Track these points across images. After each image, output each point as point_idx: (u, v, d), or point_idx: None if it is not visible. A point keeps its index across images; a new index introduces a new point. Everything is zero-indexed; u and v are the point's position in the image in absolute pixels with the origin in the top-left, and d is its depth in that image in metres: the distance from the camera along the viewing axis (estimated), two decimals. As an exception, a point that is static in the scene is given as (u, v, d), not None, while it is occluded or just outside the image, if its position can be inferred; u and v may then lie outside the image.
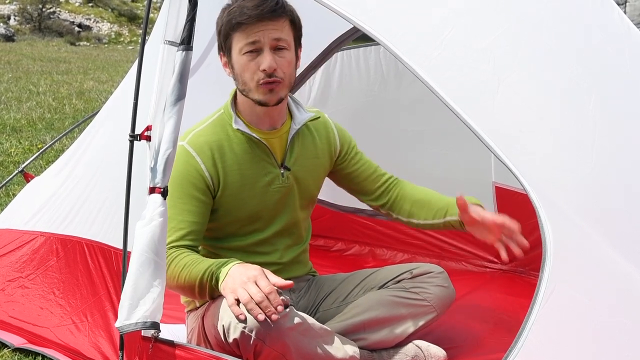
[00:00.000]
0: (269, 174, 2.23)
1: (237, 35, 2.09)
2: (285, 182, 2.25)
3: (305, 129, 2.32)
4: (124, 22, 25.23)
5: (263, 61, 2.08)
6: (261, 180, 2.22)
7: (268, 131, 2.23)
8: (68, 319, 2.38)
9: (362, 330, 2.26)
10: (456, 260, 3.45)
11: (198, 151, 2.15)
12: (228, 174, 2.17)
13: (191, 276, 2.01)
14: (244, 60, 2.10)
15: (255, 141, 2.20)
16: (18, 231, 2.72)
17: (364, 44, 3.54)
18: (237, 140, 2.19)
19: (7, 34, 20.32)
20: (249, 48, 2.08)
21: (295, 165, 2.27)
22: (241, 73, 2.12)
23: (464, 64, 1.94)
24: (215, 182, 2.16)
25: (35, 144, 6.27)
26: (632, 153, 2.02)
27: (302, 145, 2.30)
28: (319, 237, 3.62)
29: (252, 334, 1.88)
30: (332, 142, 2.39)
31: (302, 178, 2.29)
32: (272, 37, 2.08)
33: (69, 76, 12.26)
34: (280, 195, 2.25)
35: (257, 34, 2.07)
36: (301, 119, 2.28)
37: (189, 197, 2.12)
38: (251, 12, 2.06)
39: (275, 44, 2.09)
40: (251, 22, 2.06)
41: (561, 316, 1.69)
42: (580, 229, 1.80)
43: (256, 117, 2.21)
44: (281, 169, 2.25)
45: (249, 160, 2.20)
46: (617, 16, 2.22)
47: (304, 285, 2.42)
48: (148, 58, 2.00)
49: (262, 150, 2.22)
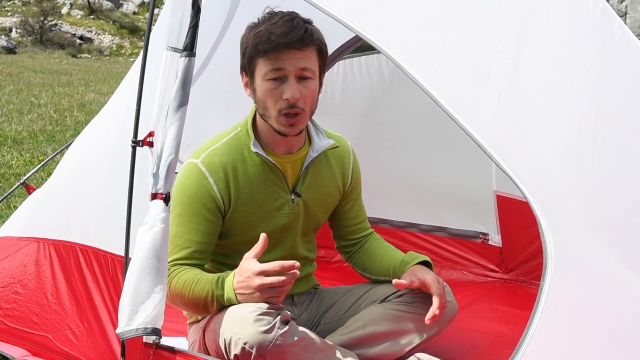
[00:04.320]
0: (279, 198, 2.21)
1: (262, 60, 2.04)
2: (294, 208, 2.23)
3: (322, 155, 2.29)
4: (125, 34, 25.33)
5: (286, 90, 2.04)
6: (271, 204, 2.20)
7: (283, 155, 2.21)
8: (64, 325, 2.37)
9: (364, 344, 2.25)
10: (457, 270, 3.45)
11: (211, 172, 2.13)
12: (240, 195, 2.16)
13: (194, 293, 2.02)
14: (267, 86, 2.06)
15: (270, 165, 2.18)
16: (13, 238, 2.71)
17: (367, 53, 3.55)
18: (252, 162, 2.17)
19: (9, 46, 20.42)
20: (274, 75, 2.04)
21: (307, 192, 2.25)
22: (263, 99, 2.08)
23: (465, 73, 1.95)
24: (226, 203, 2.15)
25: (37, 156, 6.28)
26: (633, 162, 2.02)
27: (316, 172, 2.27)
28: (320, 247, 3.57)
29: (252, 351, 1.87)
30: (347, 172, 2.37)
31: (311, 205, 2.28)
32: (298, 66, 2.04)
33: (70, 88, 12.31)
34: (289, 220, 2.24)
35: (284, 62, 2.03)
36: (320, 146, 2.25)
37: (199, 217, 2.11)
38: (279, 40, 2.00)
39: (300, 73, 2.05)
40: (277, 50, 2.02)
41: (562, 326, 1.68)
42: (581, 238, 1.79)
43: (273, 141, 2.18)
44: (292, 194, 2.23)
45: (261, 184, 2.18)
46: (617, 27, 2.23)
47: (306, 299, 2.42)
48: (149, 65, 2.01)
49: (275, 175, 2.19)
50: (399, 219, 3.61)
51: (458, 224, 3.49)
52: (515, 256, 3.33)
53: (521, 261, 3.31)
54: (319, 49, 2.09)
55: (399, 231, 3.60)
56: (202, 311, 2.07)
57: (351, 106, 3.60)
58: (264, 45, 2.02)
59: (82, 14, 25.95)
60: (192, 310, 2.14)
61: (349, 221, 2.44)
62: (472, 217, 3.46)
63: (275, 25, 2.03)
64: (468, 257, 3.44)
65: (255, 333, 1.87)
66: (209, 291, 2.00)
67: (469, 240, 3.46)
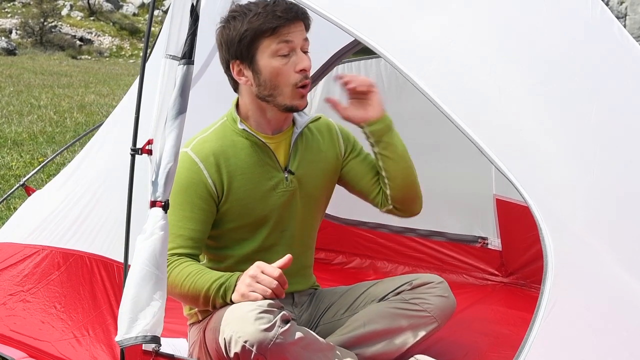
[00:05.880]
0: (273, 178, 2.22)
1: (268, 39, 2.09)
2: (289, 186, 2.24)
3: (307, 131, 2.31)
4: (126, 35, 25.31)
5: (300, 61, 2.11)
6: (265, 185, 2.21)
7: (273, 135, 2.24)
8: (69, 333, 2.38)
9: (363, 343, 2.25)
10: (457, 273, 3.45)
11: (202, 159, 2.15)
12: (233, 179, 2.17)
13: (196, 286, 2.02)
14: (277, 63, 2.11)
15: (260, 145, 2.20)
16: (19, 245, 2.72)
17: (365, 57, 3.55)
18: (242, 145, 2.20)
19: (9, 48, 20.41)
20: (284, 50, 2.10)
21: (299, 169, 2.26)
22: (273, 78, 2.12)
23: (464, 75, 1.95)
24: (219, 189, 2.16)
25: (37, 158, 6.28)
26: (633, 164, 2.02)
27: (306, 148, 2.30)
28: (320, 250, 3.59)
29: (253, 349, 1.88)
30: (336, 142, 2.37)
31: (306, 181, 2.28)
32: (302, 37, 2.13)
33: (70, 90, 12.30)
34: (285, 199, 2.24)
35: (292, 34, 2.10)
36: (302, 122, 2.28)
37: (191, 205, 2.13)
38: (287, 15, 2.08)
39: (304, 44, 2.13)
40: (286, 24, 2.08)
41: (563, 330, 1.68)
42: (581, 241, 1.79)
43: (265, 122, 2.21)
44: (285, 172, 2.24)
45: (253, 165, 2.20)
46: (616, 29, 2.23)
47: (306, 299, 2.42)
48: (150, 72, 2.01)
49: (266, 154, 2.22)
50: (397, 224, 3.59)
51: (457, 229, 3.49)
52: (516, 260, 3.33)
53: (521, 265, 3.30)
54: (308, 24, 2.17)
55: (397, 236, 3.60)
56: (200, 304, 2.08)
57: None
58: (272, 22, 2.08)
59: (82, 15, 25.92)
60: (188, 301, 2.14)
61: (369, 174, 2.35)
62: (471, 221, 3.45)
63: (271, 5, 2.10)
64: (468, 261, 3.44)
65: (256, 331, 1.88)
66: (215, 281, 2.01)
67: (468, 244, 3.45)
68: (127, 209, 1.96)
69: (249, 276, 1.97)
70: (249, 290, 1.95)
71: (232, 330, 1.90)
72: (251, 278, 1.96)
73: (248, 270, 1.99)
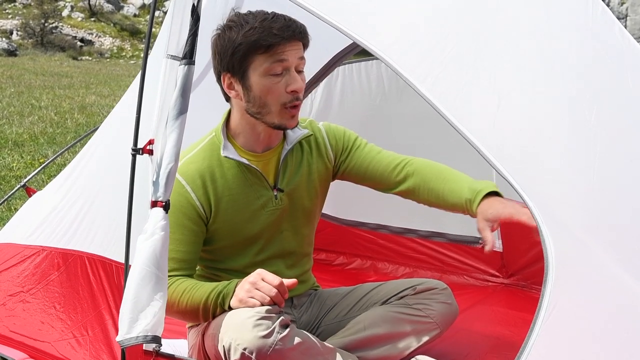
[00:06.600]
0: (261, 197, 2.19)
1: (262, 56, 2.03)
2: (278, 204, 2.22)
3: (298, 145, 2.27)
4: (126, 36, 25.34)
5: (293, 82, 2.05)
6: (254, 204, 2.19)
7: (262, 153, 2.20)
8: (69, 333, 2.38)
9: (366, 346, 2.24)
10: (458, 274, 3.45)
11: (189, 180, 2.12)
12: (220, 200, 2.15)
13: (194, 299, 2.02)
14: (268, 81, 2.04)
15: (246, 166, 2.17)
16: (19, 245, 2.72)
17: (366, 59, 3.55)
18: (229, 165, 2.16)
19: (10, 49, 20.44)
20: (277, 69, 2.03)
21: (289, 186, 2.23)
22: (262, 95, 2.06)
23: (465, 80, 1.94)
24: (207, 210, 2.14)
25: (37, 159, 6.29)
26: (634, 168, 2.02)
27: (294, 163, 2.25)
28: (320, 250, 3.61)
29: (252, 356, 1.87)
30: (324, 152, 2.32)
31: (296, 196, 2.25)
32: (297, 57, 2.06)
33: (71, 90, 12.32)
34: (275, 217, 2.22)
35: (287, 53, 2.03)
36: (293, 138, 2.24)
37: (181, 227, 2.10)
38: (283, 33, 2.01)
39: (298, 63, 2.07)
40: (282, 43, 2.02)
41: (564, 331, 1.68)
42: (582, 244, 1.79)
43: (255, 139, 2.17)
44: (274, 190, 2.22)
45: (241, 185, 2.17)
46: (617, 31, 2.23)
47: (306, 301, 2.41)
48: (150, 72, 2.01)
49: (254, 175, 2.18)
50: (397, 225, 3.59)
51: (457, 230, 3.48)
52: (516, 261, 3.33)
53: (522, 266, 3.30)
54: (306, 43, 2.11)
55: (398, 237, 3.60)
56: (200, 316, 2.06)
57: (350, 112, 3.60)
58: (267, 40, 2.01)
59: (82, 16, 25.95)
60: (187, 317, 2.13)
61: (379, 169, 2.32)
62: (472, 222, 3.44)
63: (269, 21, 2.03)
64: (468, 262, 3.44)
65: (255, 338, 1.87)
66: (212, 290, 2.00)
67: (468, 245, 3.45)
68: (128, 209, 1.96)
69: (249, 282, 1.96)
70: (248, 297, 1.94)
71: (231, 338, 1.89)
72: (250, 284, 1.95)
73: (248, 276, 1.98)
